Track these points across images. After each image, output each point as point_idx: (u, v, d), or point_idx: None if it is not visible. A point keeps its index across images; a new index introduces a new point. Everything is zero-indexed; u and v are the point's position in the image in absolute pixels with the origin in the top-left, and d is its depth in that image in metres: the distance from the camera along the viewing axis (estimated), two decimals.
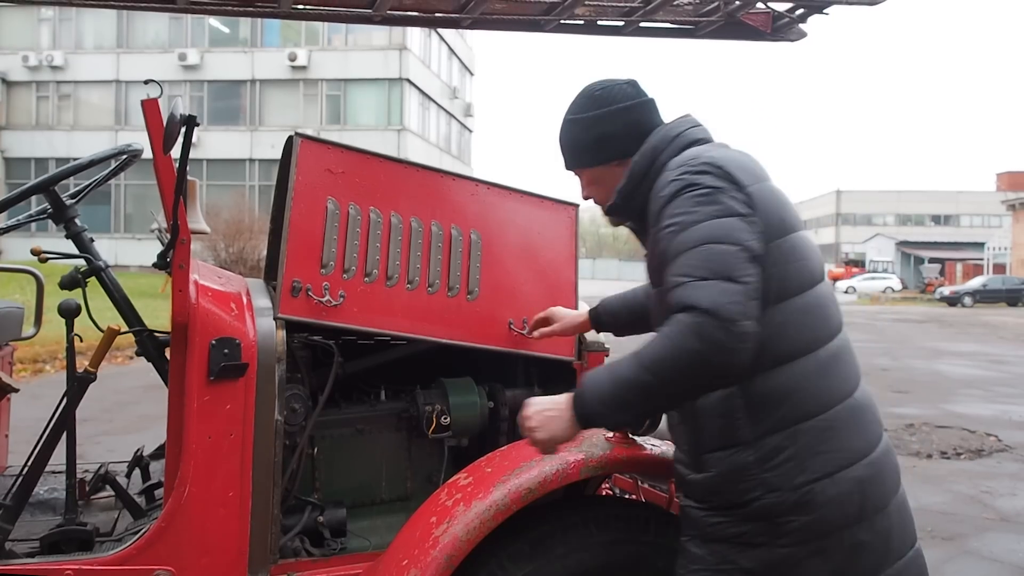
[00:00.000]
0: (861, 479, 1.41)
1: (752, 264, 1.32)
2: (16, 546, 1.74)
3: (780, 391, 1.39)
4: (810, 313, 1.43)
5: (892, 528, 1.46)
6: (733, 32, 2.69)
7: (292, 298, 1.84)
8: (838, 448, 1.41)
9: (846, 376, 1.47)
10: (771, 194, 1.45)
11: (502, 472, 1.68)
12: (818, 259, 1.50)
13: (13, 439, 2.59)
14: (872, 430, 1.48)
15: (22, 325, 2.49)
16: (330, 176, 1.90)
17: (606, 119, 1.57)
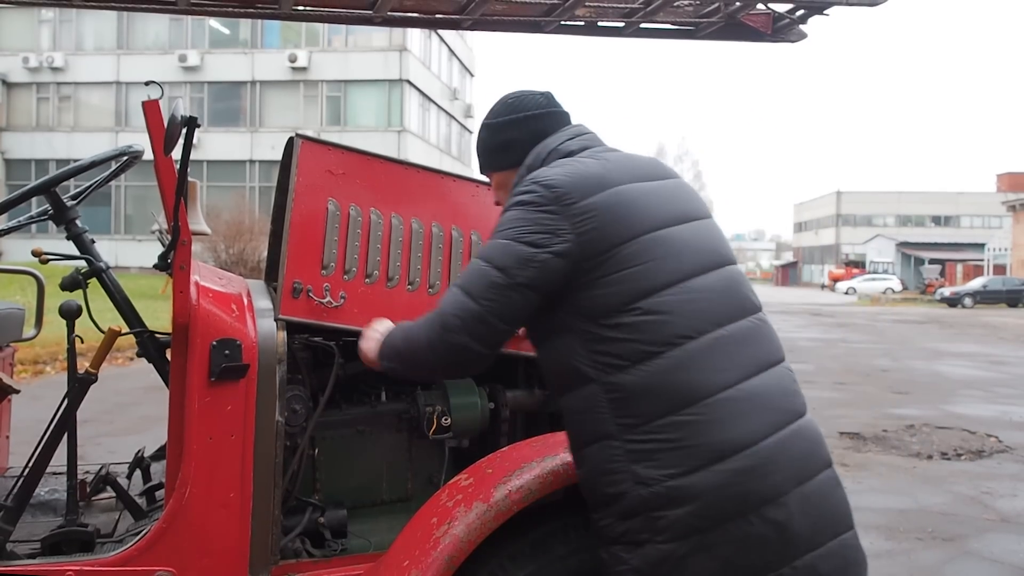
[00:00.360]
0: (740, 471, 1.39)
1: (509, 291, 1.46)
2: (17, 547, 1.74)
3: (640, 387, 1.43)
4: (671, 311, 1.46)
5: (792, 519, 1.41)
6: (733, 33, 2.70)
7: (293, 299, 1.84)
8: (710, 441, 1.40)
9: (725, 367, 1.46)
10: (615, 203, 1.50)
11: (503, 473, 1.68)
12: (691, 254, 1.52)
13: (14, 440, 2.59)
14: (760, 420, 1.44)
15: (23, 326, 2.49)
16: (331, 177, 1.91)
17: (513, 126, 1.68)
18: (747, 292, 1.58)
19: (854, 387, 9.31)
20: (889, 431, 6.71)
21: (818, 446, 1.52)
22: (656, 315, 1.45)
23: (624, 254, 1.47)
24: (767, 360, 1.52)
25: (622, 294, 1.45)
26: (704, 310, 1.49)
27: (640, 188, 1.55)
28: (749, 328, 1.53)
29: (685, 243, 1.53)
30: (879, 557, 3.80)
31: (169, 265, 1.76)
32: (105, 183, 2.18)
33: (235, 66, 29.30)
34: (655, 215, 1.52)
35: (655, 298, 1.46)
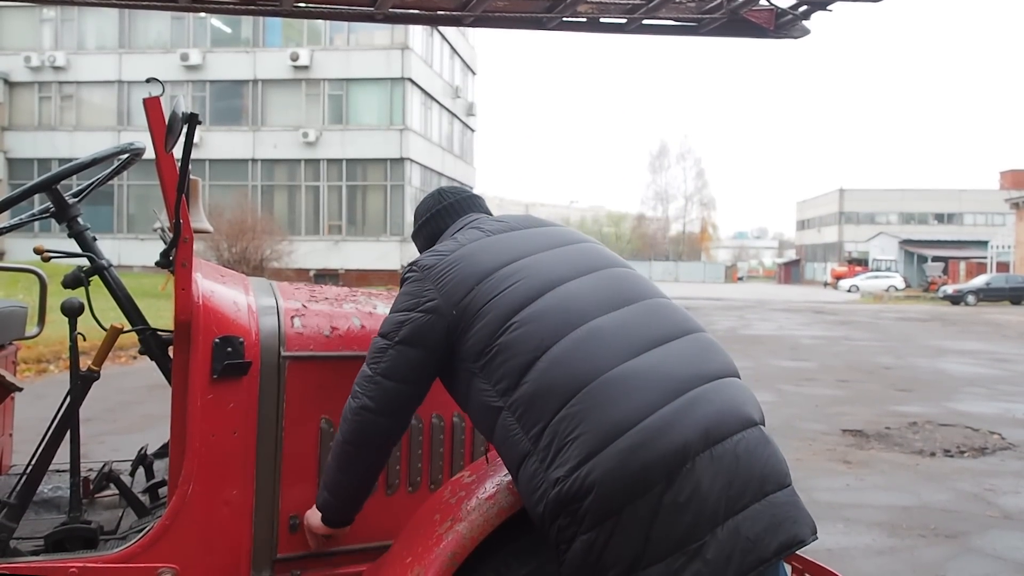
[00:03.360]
0: (631, 448, 1.39)
1: (390, 350, 1.64)
2: (21, 544, 1.74)
3: (530, 395, 1.50)
4: (539, 318, 1.56)
5: (701, 484, 1.39)
6: (736, 29, 2.69)
7: (291, 536, 1.80)
8: (594, 427, 1.42)
9: (603, 354, 1.50)
10: (468, 253, 1.69)
11: (505, 470, 1.68)
12: (557, 267, 1.66)
13: (17, 439, 2.59)
14: (649, 393, 1.45)
15: (25, 324, 2.49)
16: (322, 392, 1.85)
17: (417, 235, 1.99)
18: (632, 284, 1.66)
19: (857, 384, 9.30)
20: (892, 428, 6.71)
21: (735, 407, 1.49)
22: (525, 326, 1.55)
23: (483, 290, 1.61)
24: (661, 336, 1.56)
25: (493, 322, 1.57)
26: (574, 308, 1.57)
27: (495, 238, 1.74)
28: (634, 312, 1.59)
29: (548, 262, 1.67)
30: (881, 554, 3.79)
31: (171, 262, 1.76)
32: (106, 181, 2.18)
33: (237, 65, 29.30)
34: (509, 252, 1.69)
35: (521, 313, 1.57)
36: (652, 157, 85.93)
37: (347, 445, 1.67)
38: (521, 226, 1.80)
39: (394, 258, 28.33)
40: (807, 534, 1.49)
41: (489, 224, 1.80)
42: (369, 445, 1.66)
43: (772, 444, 1.51)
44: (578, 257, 1.70)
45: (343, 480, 1.70)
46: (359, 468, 1.69)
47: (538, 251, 1.70)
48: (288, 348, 1.83)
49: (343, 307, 2.00)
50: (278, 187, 29.86)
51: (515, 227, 1.79)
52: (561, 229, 1.84)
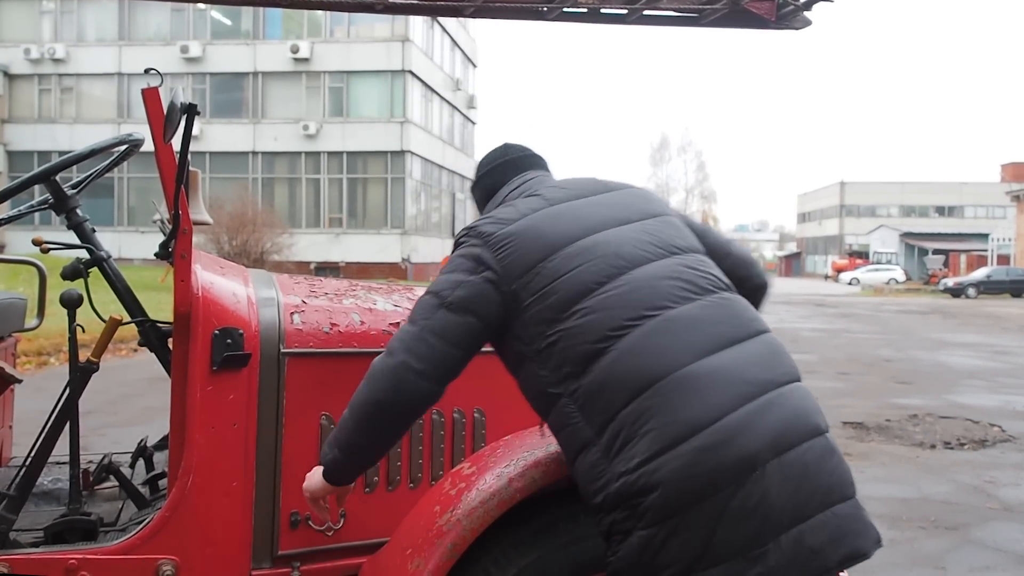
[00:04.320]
0: (704, 448, 1.37)
1: (443, 310, 1.54)
2: (20, 536, 1.74)
3: (598, 385, 1.46)
4: (609, 306, 1.50)
5: (770, 491, 1.37)
6: (737, 20, 2.67)
7: (291, 531, 1.80)
8: (665, 424, 1.40)
9: (677, 348, 1.46)
10: (530, 226, 1.59)
11: (506, 461, 1.67)
12: (630, 250, 1.57)
13: (17, 431, 2.59)
14: (723, 395, 1.42)
15: (25, 316, 2.49)
16: (322, 388, 1.84)
17: (475, 187, 1.87)
18: (704, 274, 1.58)
19: (857, 377, 9.30)
20: (892, 421, 6.71)
21: (804, 414, 1.47)
22: (595, 313, 1.49)
23: (548, 269, 1.53)
24: (734, 335, 1.51)
25: (555, 306, 1.51)
26: (646, 297, 1.51)
27: (560, 208, 1.63)
28: (707, 306, 1.53)
29: (618, 242, 1.57)
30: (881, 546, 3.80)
31: (170, 254, 1.76)
32: (105, 172, 2.17)
33: (237, 57, 29.23)
34: (575, 226, 1.59)
35: (590, 299, 1.50)
36: (653, 150, 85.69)
37: (375, 405, 1.52)
38: (588, 193, 1.67)
39: (395, 251, 28.32)
40: (870, 547, 1.47)
41: (552, 191, 1.68)
42: (401, 406, 1.53)
43: (838, 454, 1.48)
44: (650, 238, 1.60)
45: (359, 441, 1.56)
46: (381, 431, 1.56)
47: (608, 226, 1.60)
48: (288, 345, 1.82)
49: (343, 303, 1.99)
50: (278, 180, 29.83)
51: (581, 194, 1.67)
52: (631, 196, 1.70)
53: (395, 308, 2.03)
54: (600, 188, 1.71)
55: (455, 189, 35.66)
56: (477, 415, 2.01)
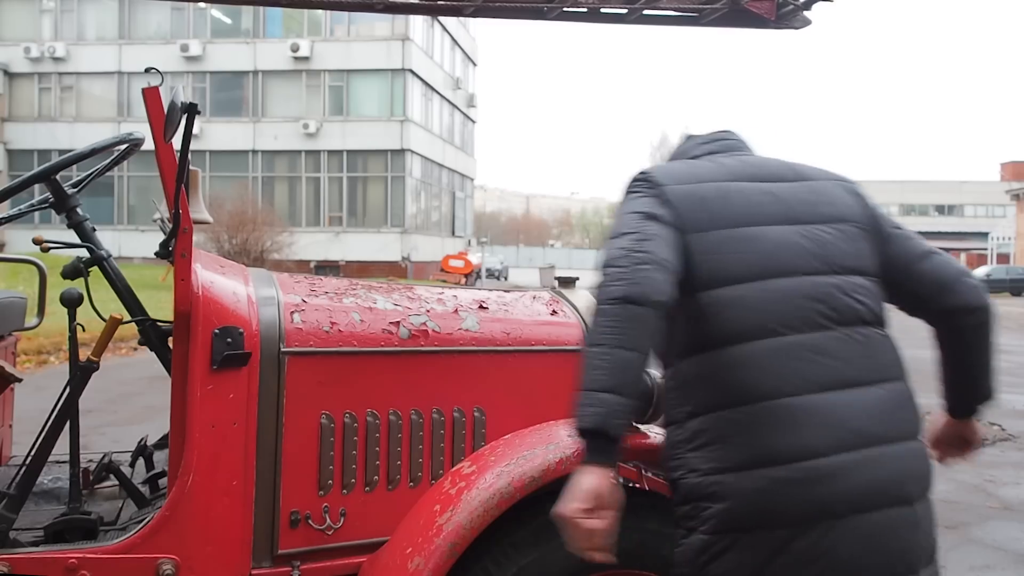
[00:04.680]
0: (785, 481, 1.35)
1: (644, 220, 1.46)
2: (20, 535, 1.74)
3: (699, 377, 1.44)
4: (738, 307, 1.44)
5: (838, 546, 1.35)
6: (737, 19, 2.67)
7: (291, 530, 1.80)
8: (757, 444, 1.37)
9: (789, 375, 1.40)
10: (698, 194, 1.51)
11: (506, 460, 1.68)
12: (786, 255, 1.48)
13: (17, 430, 2.59)
14: (819, 436, 1.38)
15: (25, 315, 2.49)
16: (322, 387, 1.84)
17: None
18: (854, 302, 1.48)
19: None
20: None
21: (899, 480, 1.42)
22: (725, 307, 1.43)
23: (704, 242, 1.46)
24: (854, 377, 1.44)
25: (697, 280, 1.44)
26: (782, 311, 1.44)
27: (738, 186, 1.54)
28: (840, 339, 1.45)
29: (780, 244, 1.49)
30: None
31: (170, 253, 1.76)
32: (106, 171, 2.17)
33: (237, 56, 29.21)
34: (747, 213, 1.50)
35: (727, 289, 1.44)
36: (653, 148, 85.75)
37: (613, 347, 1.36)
38: (769, 177, 1.58)
39: (395, 249, 28.31)
40: None
41: (735, 163, 1.60)
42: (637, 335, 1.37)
43: (921, 527, 1.45)
44: (812, 248, 1.50)
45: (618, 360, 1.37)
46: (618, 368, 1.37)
47: (774, 222, 1.51)
48: (288, 344, 1.82)
49: (343, 302, 1.99)
50: (279, 178, 29.82)
51: (761, 177, 1.58)
52: (813, 193, 1.58)
53: (395, 307, 2.03)
54: (786, 175, 1.60)
55: (455, 188, 35.66)
56: (477, 414, 2.01)
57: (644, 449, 1.72)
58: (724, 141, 1.68)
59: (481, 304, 2.15)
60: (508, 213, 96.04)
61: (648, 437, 1.72)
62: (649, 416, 1.72)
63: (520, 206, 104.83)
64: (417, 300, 2.09)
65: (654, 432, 1.75)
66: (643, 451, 1.72)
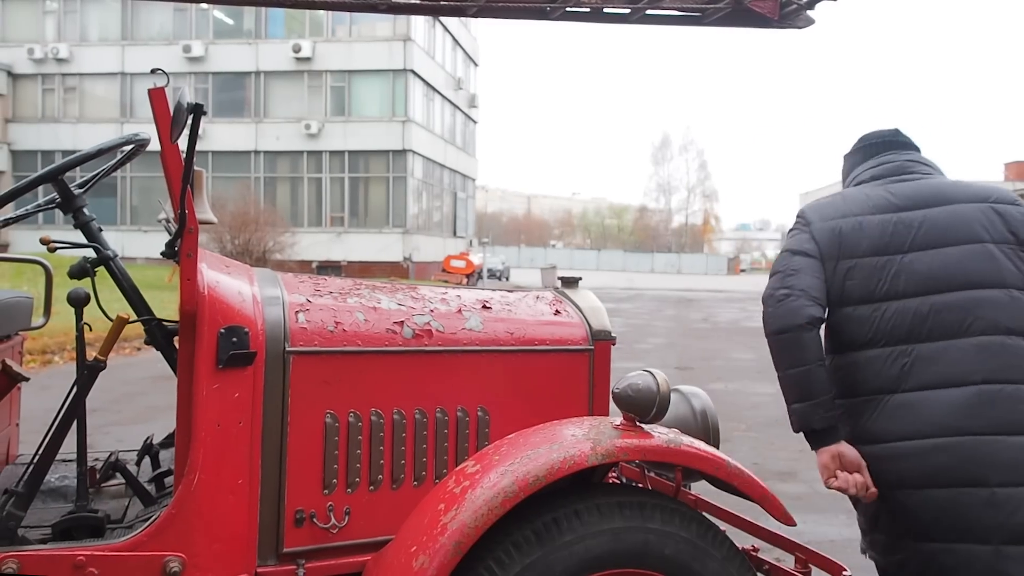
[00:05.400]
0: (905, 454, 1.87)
1: (791, 256, 2.01)
2: (28, 532, 1.75)
3: (836, 367, 2.00)
4: (866, 321, 1.94)
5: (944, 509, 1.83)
6: (740, 19, 2.68)
7: (296, 529, 1.81)
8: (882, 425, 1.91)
9: (894, 375, 1.89)
10: (837, 230, 1.99)
11: (510, 460, 1.68)
12: (913, 278, 1.91)
13: (23, 429, 2.60)
14: (913, 420, 1.86)
15: (31, 315, 2.50)
16: (326, 387, 1.86)
17: (845, 160, 2.23)
18: (978, 315, 1.85)
19: None
20: None
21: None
22: (856, 320, 1.94)
23: (841, 268, 1.95)
24: (961, 377, 1.84)
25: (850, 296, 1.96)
26: (899, 326, 1.90)
27: (874, 219, 1.97)
28: (947, 348, 1.86)
29: (906, 268, 1.91)
30: None
31: (176, 253, 1.77)
32: (112, 171, 2.18)
33: (239, 56, 29.25)
34: (878, 243, 1.94)
35: (853, 309, 1.95)
36: (654, 148, 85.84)
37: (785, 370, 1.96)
38: (903, 207, 1.97)
39: (396, 250, 28.33)
40: None
41: (881, 195, 2.01)
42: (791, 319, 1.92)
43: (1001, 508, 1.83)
44: (941, 270, 1.89)
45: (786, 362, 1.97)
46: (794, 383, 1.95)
47: (919, 248, 1.91)
48: (293, 343, 1.83)
49: (347, 301, 2.00)
50: (281, 179, 29.85)
51: (898, 207, 1.97)
52: (956, 217, 1.92)
53: (399, 307, 2.04)
54: (929, 201, 1.96)
55: (456, 188, 35.67)
56: (481, 413, 2.02)
57: (646, 449, 1.72)
58: (889, 164, 2.06)
59: (485, 304, 2.16)
60: (509, 213, 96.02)
61: (651, 438, 1.73)
62: (652, 417, 1.73)
63: (521, 206, 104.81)
64: (421, 300, 2.10)
65: (657, 432, 1.76)
66: (646, 451, 1.73)
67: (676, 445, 1.73)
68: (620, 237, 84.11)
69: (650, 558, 1.68)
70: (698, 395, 2.23)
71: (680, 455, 1.73)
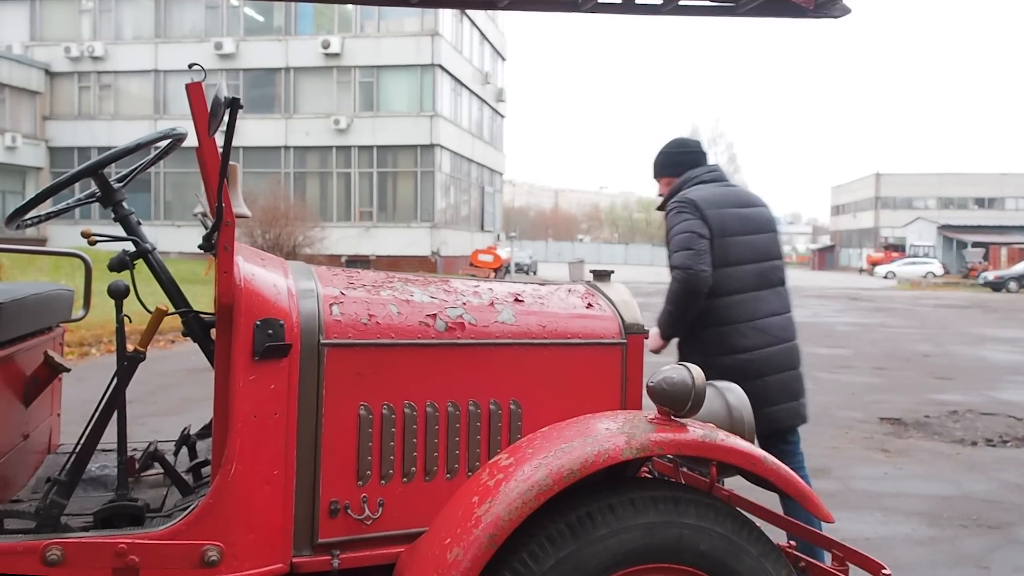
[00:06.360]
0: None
1: (700, 240, 2.94)
2: (71, 520, 1.78)
3: (715, 307, 2.98)
4: (731, 277, 2.98)
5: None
6: (775, 9, 2.63)
7: (331, 519, 1.82)
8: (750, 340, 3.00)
9: (758, 310, 3.01)
10: (716, 216, 2.98)
11: (543, 453, 1.68)
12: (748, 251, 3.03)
13: (61, 419, 2.65)
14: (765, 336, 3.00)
15: (71, 307, 2.55)
16: (360, 379, 1.86)
17: (682, 155, 3.24)
18: (774, 272, 3.09)
19: (894, 372, 9.16)
20: (931, 417, 6.60)
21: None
22: (723, 278, 2.96)
23: (720, 244, 2.95)
24: (778, 310, 3.06)
25: (716, 263, 2.95)
26: (743, 278, 3.00)
27: (731, 212, 3.02)
28: (770, 293, 3.06)
29: (750, 244, 3.03)
30: (921, 544, 3.74)
31: (213, 246, 1.78)
32: (150, 166, 2.21)
33: (269, 53, 29.52)
34: (735, 227, 3.00)
35: (724, 270, 2.96)
36: None
37: (684, 298, 2.94)
38: (742, 204, 3.09)
39: (424, 244, 28.43)
40: None
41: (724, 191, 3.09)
42: (696, 285, 2.91)
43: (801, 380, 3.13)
44: (759, 248, 3.05)
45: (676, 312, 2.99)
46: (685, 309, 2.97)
47: (744, 233, 3.01)
48: (327, 335, 1.84)
49: (380, 294, 2.00)
50: (310, 174, 30.10)
51: (739, 204, 3.08)
52: (763, 214, 3.13)
53: (432, 300, 2.04)
54: (750, 202, 3.13)
55: (484, 183, 35.68)
56: (513, 407, 2.02)
57: (682, 444, 1.71)
58: (716, 172, 3.18)
59: (517, 297, 2.15)
60: (537, 207, 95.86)
61: (687, 432, 1.71)
62: (687, 411, 1.71)
63: (549, 200, 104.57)
64: (453, 293, 2.10)
65: (693, 427, 1.74)
66: (681, 446, 1.71)
67: (712, 440, 1.71)
68: (648, 231, 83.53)
69: (685, 553, 1.66)
70: (732, 390, 2.21)
71: (717, 450, 1.71)
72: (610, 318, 2.17)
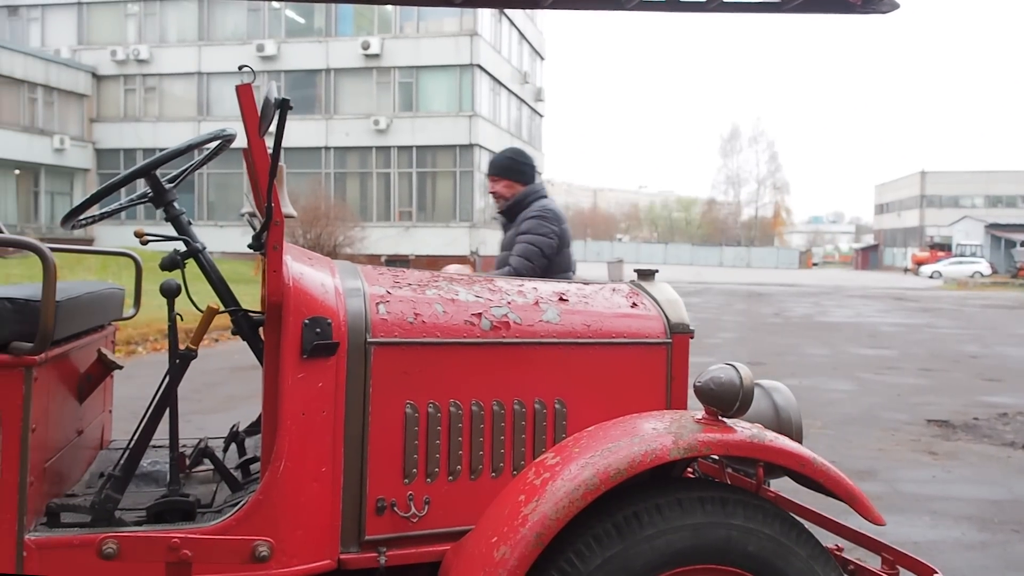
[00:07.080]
0: None
1: (542, 257, 3.54)
2: (125, 515, 1.82)
3: None
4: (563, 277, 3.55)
5: None
6: (821, 5, 2.58)
7: (378, 517, 1.84)
8: None
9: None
10: (566, 231, 3.65)
11: (590, 452, 1.67)
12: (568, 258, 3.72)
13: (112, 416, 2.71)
14: None
15: (122, 306, 2.61)
16: (406, 377, 1.88)
17: (527, 165, 3.77)
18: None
19: (941, 374, 8.95)
20: (980, 419, 6.44)
21: None
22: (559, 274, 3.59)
23: (563, 252, 3.66)
24: None
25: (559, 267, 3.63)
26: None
27: (565, 226, 3.68)
28: None
29: (570, 255, 3.76)
30: (972, 548, 3.65)
31: (263, 246, 1.81)
32: (200, 166, 2.25)
33: (310, 54, 29.87)
34: (567, 240, 3.69)
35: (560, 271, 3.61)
36: (723, 140, 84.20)
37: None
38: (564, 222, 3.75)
39: (463, 244, 28.53)
40: None
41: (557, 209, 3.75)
42: None
43: None
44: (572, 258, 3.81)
45: None
46: None
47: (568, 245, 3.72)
48: (374, 334, 1.86)
49: (426, 293, 2.02)
50: (350, 174, 30.40)
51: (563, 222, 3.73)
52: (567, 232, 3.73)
53: (477, 299, 2.04)
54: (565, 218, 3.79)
55: None
56: (558, 406, 2.02)
57: (730, 444, 1.69)
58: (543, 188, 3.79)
59: (561, 296, 2.15)
60: (575, 207, 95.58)
61: (735, 432, 1.69)
62: (735, 411, 1.69)
63: (588, 200, 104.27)
64: (498, 292, 2.11)
65: (740, 427, 1.72)
66: (729, 446, 1.69)
67: (761, 440, 1.69)
68: (688, 231, 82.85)
69: (733, 554, 1.64)
70: (780, 390, 2.18)
71: (765, 450, 1.69)
72: (655, 317, 2.16)
